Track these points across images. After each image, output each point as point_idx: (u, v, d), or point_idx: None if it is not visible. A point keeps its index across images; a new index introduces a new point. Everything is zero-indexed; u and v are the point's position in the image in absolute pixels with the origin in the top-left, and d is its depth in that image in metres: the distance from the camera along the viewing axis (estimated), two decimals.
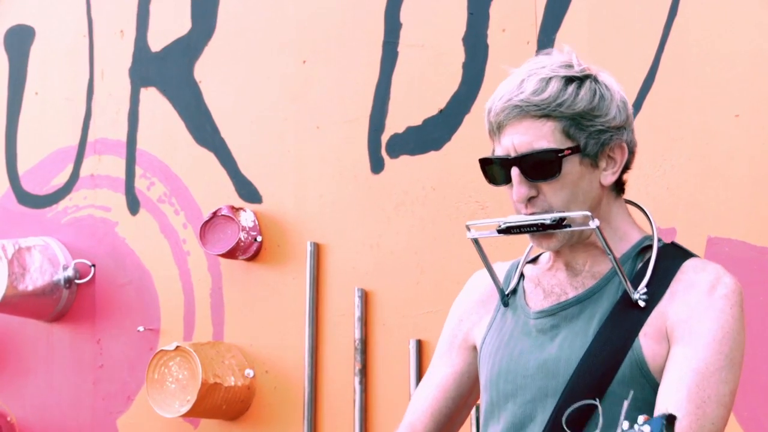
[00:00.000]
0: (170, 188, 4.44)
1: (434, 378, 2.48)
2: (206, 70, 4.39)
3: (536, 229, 2.25)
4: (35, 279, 4.50)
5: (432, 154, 3.93)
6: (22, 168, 4.76)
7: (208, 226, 4.21)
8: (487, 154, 3.80)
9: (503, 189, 2.32)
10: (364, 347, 4.00)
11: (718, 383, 2.18)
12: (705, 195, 3.48)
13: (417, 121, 3.96)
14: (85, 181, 4.62)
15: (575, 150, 2.24)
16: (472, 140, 3.83)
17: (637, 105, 3.57)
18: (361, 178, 4.05)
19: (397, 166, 3.99)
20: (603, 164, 2.29)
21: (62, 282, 4.57)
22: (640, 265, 2.30)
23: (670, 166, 3.52)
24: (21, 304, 4.51)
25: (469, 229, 2.34)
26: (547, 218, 2.24)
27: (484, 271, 2.44)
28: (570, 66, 2.31)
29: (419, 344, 3.88)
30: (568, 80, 2.28)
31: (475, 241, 2.36)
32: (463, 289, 2.54)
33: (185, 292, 4.37)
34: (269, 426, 4.18)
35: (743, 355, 2.24)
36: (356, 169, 4.06)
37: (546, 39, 3.72)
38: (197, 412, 4.12)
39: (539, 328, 2.32)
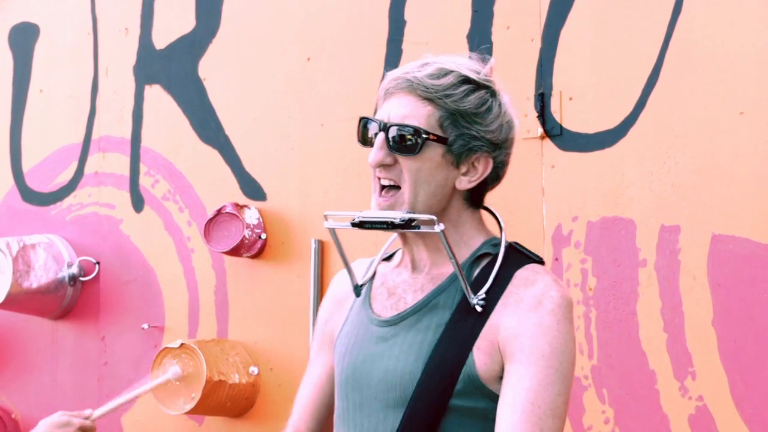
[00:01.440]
0: (174, 186, 4.44)
1: (311, 378, 2.58)
2: (210, 68, 4.39)
3: (386, 227, 2.32)
4: (40, 276, 4.50)
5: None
6: (26, 165, 4.77)
7: (212, 224, 4.21)
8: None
9: (507, 188, 2.35)
10: None
11: (551, 398, 2.25)
12: (709, 192, 3.48)
13: None
14: (89, 178, 4.62)
15: (441, 141, 2.31)
16: None
17: (642, 102, 3.57)
18: (365, 176, 4.04)
19: None
20: (464, 168, 2.35)
21: (67, 279, 4.57)
22: (477, 272, 2.37)
23: (675, 163, 3.52)
24: (25, 301, 4.51)
25: (326, 219, 2.41)
26: (397, 217, 2.30)
27: (344, 271, 2.51)
28: (476, 72, 2.35)
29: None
30: (466, 81, 2.33)
31: (332, 231, 2.43)
32: (329, 288, 2.62)
33: (189, 289, 4.37)
34: (273, 423, 4.18)
35: (573, 365, 2.30)
36: (360, 167, 4.06)
37: (550, 36, 3.72)
38: (202, 409, 4.12)
39: (380, 336, 2.38)
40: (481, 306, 2.30)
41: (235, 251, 4.18)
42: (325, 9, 4.18)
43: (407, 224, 2.31)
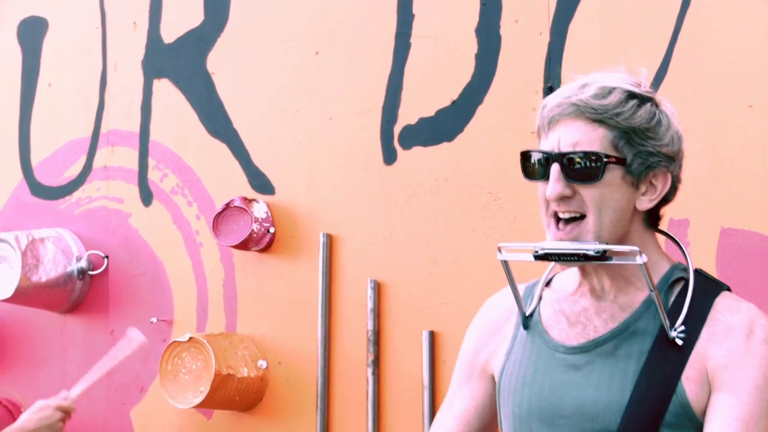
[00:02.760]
0: (183, 180, 4.44)
1: (455, 410, 2.45)
2: (219, 62, 4.40)
3: (578, 259, 2.21)
4: (49, 270, 4.51)
5: (445, 145, 3.93)
6: (35, 159, 4.77)
7: (220, 218, 4.21)
8: (502, 145, 3.81)
9: (518, 182, 2.31)
10: (377, 338, 4.00)
11: (762, 430, 2.18)
12: (718, 186, 3.47)
13: (430, 112, 3.96)
14: (98, 172, 4.63)
15: (620, 162, 2.22)
16: (485, 131, 3.83)
17: None
18: (373, 170, 4.05)
19: (410, 158, 3.99)
20: (643, 188, 2.27)
21: (75, 273, 4.58)
22: (673, 298, 2.28)
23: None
24: (34, 295, 4.52)
25: (500, 251, 2.29)
26: (590, 249, 2.19)
27: (497, 297, 2.42)
28: (638, 85, 2.29)
29: (432, 335, 3.88)
30: (631, 95, 2.25)
31: (505, 264, 2.31)
32: (477, 316, 2.50)
33: (198, 283, 4.37)
34: (282, 417, 4.18)
35: None
36: (369, 161, 4.06)
37: (559, 29, 3.72)
38: (210, 403, 4.12)
39: (570, 364, 2.28)
40: (681, 339, 2.21)
41: (243, 245, 4.19)
42: (333, 3, 4.18)
43: (602, 256, 2.19)
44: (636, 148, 2.23)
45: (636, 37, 3.60)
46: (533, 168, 2.28)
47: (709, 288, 2.31)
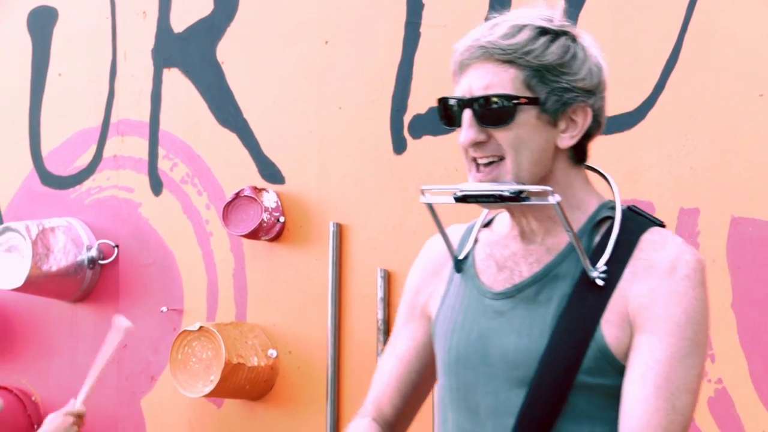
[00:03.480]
0: (193, 169, 4.44)
1: (396, 351, 2.40)
2: (229, 51, 4.40)
3: (494, 200, 2.15)
4: (59, 259, 4.52)
5: (454, 134, 3.91)
6: (45, 149, 4.78)
7: (230, 207, 4.22)
8: None
9: None
10: (387, 327, 4.00)
11: (685, 371, 2.11)
12: (729, 175, 3.47)
13: None
14: (108, 161, 4.63)
15: (533, 102, 2.14)
16: None
17: (661, 85, 3.56)
18: (383, 159, 4.05)
19: (420, 147, 3.99)
20: (562, 125, 2.18)
21: (86, 262, 4.58)
22: (598, 238, 2.21)
23: (694, 146, 3.51)
24: (45, 284, 4.53)
25: (423, 194, 2.24)
26: (505, 189, 2.14)
27: (438, 237, 2.34)
28: (550, 20, 2.20)
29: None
30: (543, 32, 2.17)
31: (430, 206, 2.26)
32: (418, 256, 2.44)
33: (208, 272, 4.38)
34: (292, 406, 4.19)
35: (708, 335, 2.15)
36: (379, 150, 4.06)
37: (569, 18, 3.71)
38: (221, 392, 4.13)
39: (496, 310, 2.22)
40: (603, 280, 2.14)
41: (253, 234, 4.19)
42: None
43: (517, 196, 2.13)
44: (549, 85, 2.15)
45: (646, 25, 3.60)
46: (449, 115, 2.22)
47: (637, 225, 2.22)
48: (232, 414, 4.31)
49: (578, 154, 2.24)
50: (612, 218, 2.22)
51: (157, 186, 4.52)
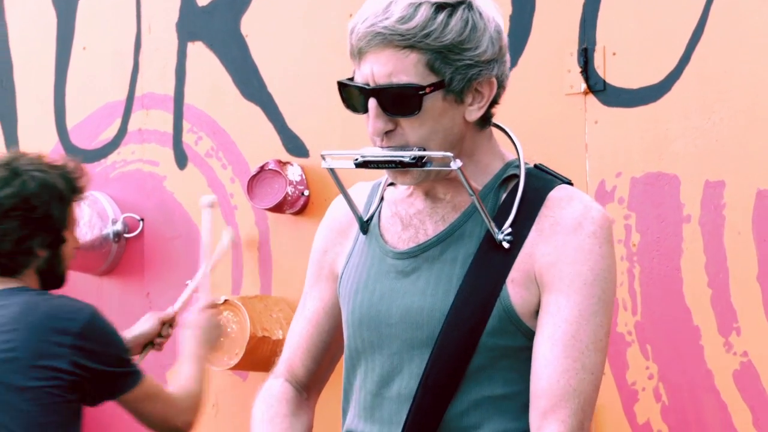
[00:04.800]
0: (217, 143, 4.45)
1: (305, 312, 2.39)
2: (253, 25, 4.39)
3: (394, 166, 2.11)
4: (84, 233, 4.53)
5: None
6: (70, 122, 4.79)
7: (255, 181, 4.22)
8: (536, 106, 3.79)
9: (552, 143, 2.27)
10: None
11: (593, 329, 2.09)
12: (754, 147, 3.46)
13: None
14: (133, 135, 4.64)
15: (438, 86, 2.09)
16: (517, 94, 3.80)
17: (686, 57, 3.54)
18: None
19: None
20: (469, 99, 2.13)
21: (111, 236, 4.60)
22: (504, 196, 2.18)
23: (719, 118, 3.50)
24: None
25: (324, 159, 2.22)
26: (406, 155, 2.09)
27: (342, 198, 2.32)
28: None
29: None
30: (439, 7, 2.08)
31: (332, 171, 2.23)
32: (325, 215, 2.42)
33: (232, 245, 4.38)
34: None
35: (615, 293, 2.13)
36: None
37: None
38: (245, 365, 4.15)
39: (399, 270, 2.19)
40: (508, 242, 2.11)
41: (278, 208, 4.20)
42: None
43: (418, 162, 2.09)
44: (453, 65, 2.09)
45: None
46: (353, 101, 2.19)
47: (543, 183, 2.19)
48: (257, 387, 4.30)
49: (484, 119, 2.19)
50: (518, 177, 2.19)
51: (181, 159, 4.53)
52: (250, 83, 4.39)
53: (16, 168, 3.34)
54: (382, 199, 2.30)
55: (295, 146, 4.27)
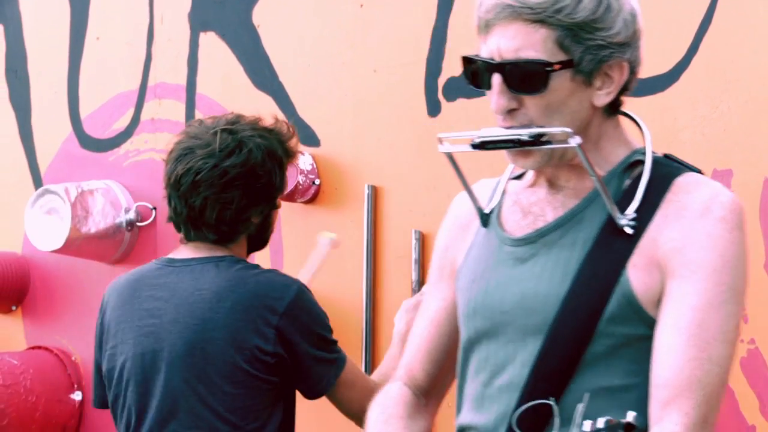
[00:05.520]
0: None
1: (427, 313, 2.31)
2: (265, 15, 4.41)
3: (512, 145, 2.04)
4: (98, 222, 4.56)
5: (488, 98, 3.93)
6: (84, 112, 4.82)
7: None
8: None
9: None
10: (421, 288, 4.03)
11: (721, 320, 1.98)
12: (762, 137, 3.47)
13: None
14: (145, 124, 4.67)
15: (567, 65, 2.03)
16: None
17: (694, 47, 3.55)
18: (418, 122, 4.07)
19: (454, 110, 4.00)
20: (598, 83, 2.08)
21: (124, 224, 4.63)
22: (628, 182, 2.11)
23: (727, 107, 3.51)
24: (84, 246, 4.58)
25: (441, 142, 2.14)
26: (524, 134, 2.03)
27: (465, 194, 2.25)
28: None
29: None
30: None
31: (449, 156, 2.16)
32: (447, 213, 2.35)
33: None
34: None
35: (747, 282, 2.02)
36: (413, 113, 4.08)
37: None
38: None
39: (517, 257, 2.12)
40: (632, 227, 2.02)
41: (289, 197, 4.22)
42: None
43: (537, 140, 2.01)
44: (584, 44, 2.03)
45: None
46: (476, 76, 2.11)
47: (670, 170, 2.12)
48: None
49: (612, 106, 2.14)
50: (643, 162, 2.12)
51: None
52: (262, 73, 4.41)
53: (239, 135, 3.25)
54: (504, 192, 2.24)
55: (306, 135, 4.29)
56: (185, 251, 3.30)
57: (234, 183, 3.19)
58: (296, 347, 3.15)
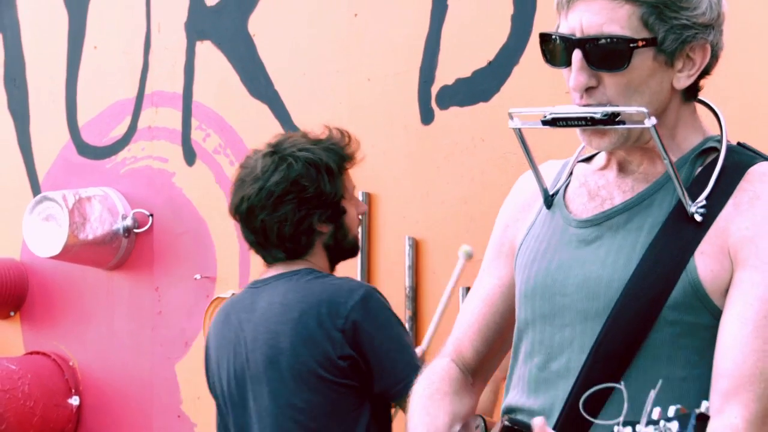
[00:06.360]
0: (225, 140, 4.50)
1: (480, 290, 2.25)
2: (260, 24, 4.44)
3: (585, 123, 1.97)
4: (95, 228, 4.58)
5: (481, 105, 3.96)
6: (81, 120, 4.84)
7: None
8: (538, 105, 3.83)
9: (553, 142, 2.20)
10: (415, 295, 4.05)
11: None
12: (754, 145, 3.47)
13: (466, 72, 4.00)
14: (142, 132, 4.69)
15: (651, 43, 1.96)
16: (521, 92, 3.87)
17: None
18: (411, 130, 4.10)
19: (447, 118, 4.03)
20: (679, 64, 2.00)
21: (121, 231, 4.64)
22: (699, 169, 2.03)
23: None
24: (82, 252, 4.60)
25: (512, 118, 2.07)
26: (598, 112, 1.95)
27: (530, 174, 2.18)
28: None
29: (468, 292, 3.91)
30: None
31: (518, 132, 2.08)
32: (510, 192, 2.28)
33: (240, 240, 4.42)
34: None
35: None
36: (407, 121, 4.10)
37: None
38: None
39: (581, 238, 2.06)
40: (701, 215, 1.95)
41: None
42: None
43: (611, 119, 1.94)
44: (668, 23, 1.96)
45: None
46: (554, 53, 2.03)
47: (745, 158, 2.03)
48: None
49: (690, 90, 2.07)
50: (717, 150, 2.05)
51: (190, 156, 4.58)
52: (257, 81, 4.43)
53: (280, 153, 3.31)
54: (570, 174, 2.17)
55: None
56: (267, 272, 3.38)
57: (283, 199, 3.28)
58: (365, 348, 3.17)
